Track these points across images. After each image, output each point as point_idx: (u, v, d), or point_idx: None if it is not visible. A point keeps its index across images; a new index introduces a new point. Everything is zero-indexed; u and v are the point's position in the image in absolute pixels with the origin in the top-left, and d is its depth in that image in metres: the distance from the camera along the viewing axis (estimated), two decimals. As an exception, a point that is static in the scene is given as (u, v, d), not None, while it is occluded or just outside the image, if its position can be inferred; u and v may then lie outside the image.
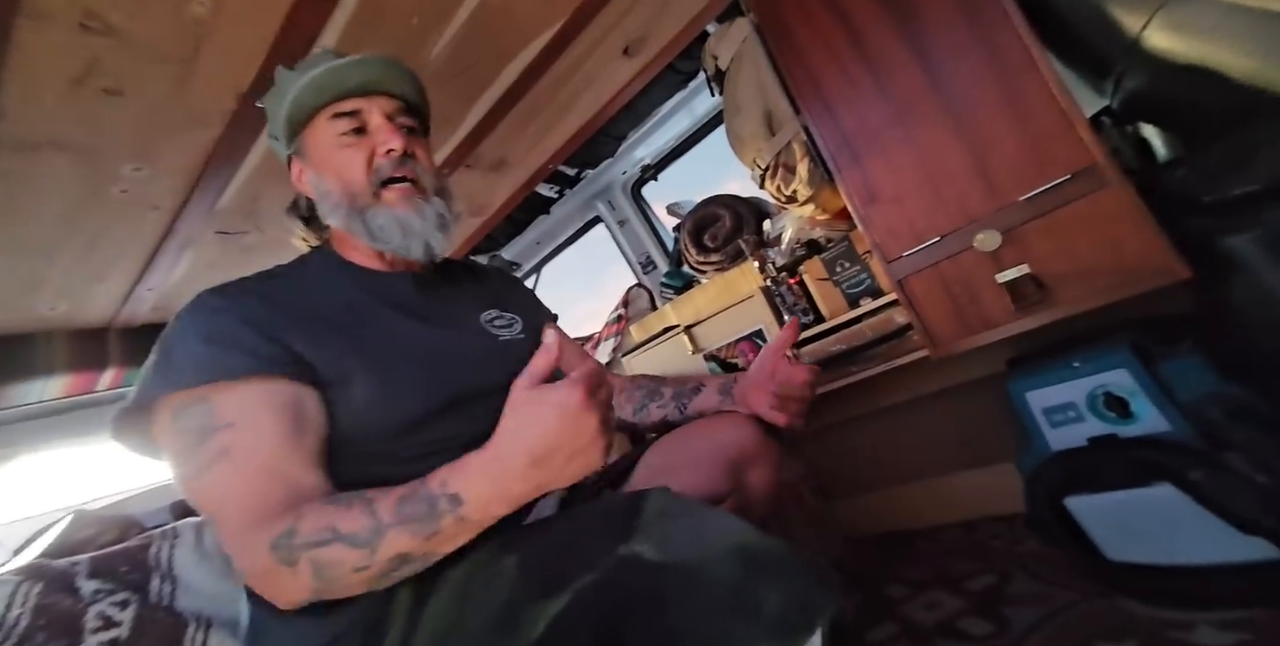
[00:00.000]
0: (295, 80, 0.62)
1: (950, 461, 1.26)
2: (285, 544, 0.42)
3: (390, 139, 0.61)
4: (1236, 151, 0.63)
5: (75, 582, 0.55)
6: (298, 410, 0.51)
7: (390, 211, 0.62)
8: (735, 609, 0.38)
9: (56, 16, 0.66)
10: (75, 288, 1.17)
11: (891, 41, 0.84)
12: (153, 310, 1.36)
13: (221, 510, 0.47)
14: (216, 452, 0.47)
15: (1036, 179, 0.74)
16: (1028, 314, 0.78)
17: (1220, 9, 0.56)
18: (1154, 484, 0.68)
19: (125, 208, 1.02)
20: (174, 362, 0.51)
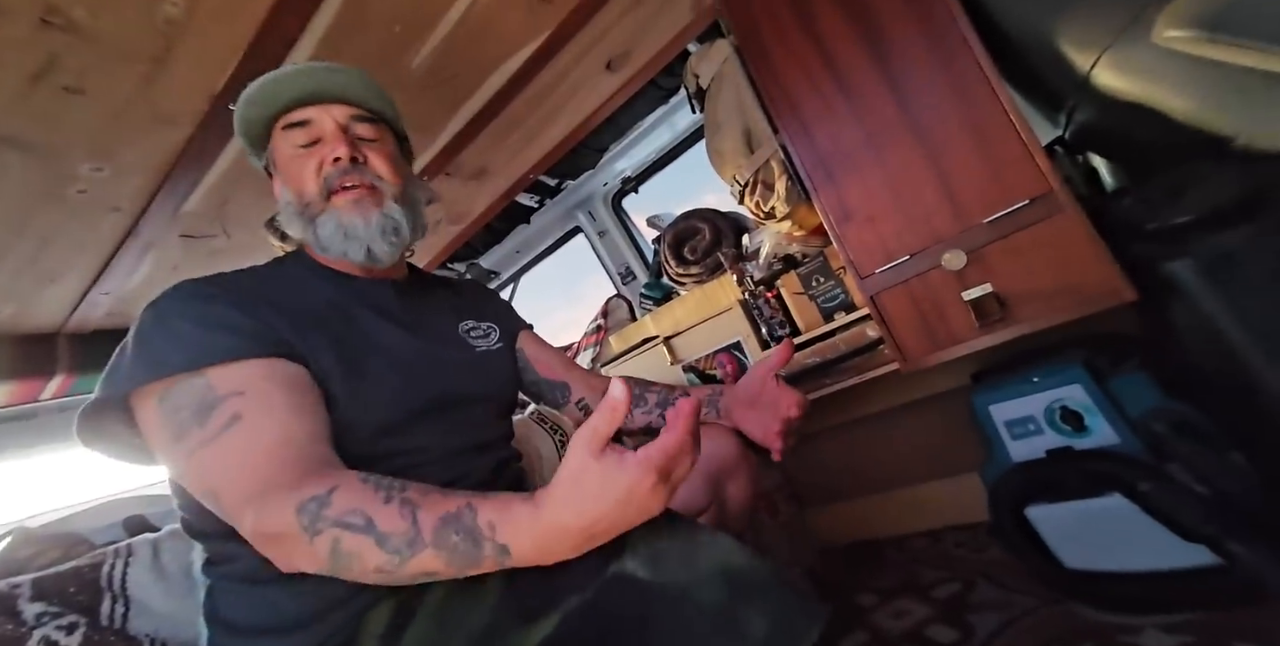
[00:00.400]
0: (254, 92, 0.61)
1: (918, 472, 1.30)
2: (314, 512, 0.39)
3: (336, 147, 0.60)
4: (1175, 183, 0.68)
5: (17, 605, 0.51)
6: (302, 387, 0.50)
7: (336, 216, 0.60)
8: (722, 633, 0.38)
9: (14, 10, 0.64)
10: (23, 291, 1.11)
11: (864, 68, 0.87)
12: (107, 315, 1.29)
13: (234, 475, 0.43)
14: (228, 419, 0.45)
15: (998, 203, 0.78)
16: (990, 331, 0.82)
17: (1161, 53, 0.61)
18: (1106, 494, 0.72)
19: (82, 208, 0.97)
20: (154, 349, 0.48)
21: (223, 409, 0.45)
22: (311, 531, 0.39)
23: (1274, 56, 0.52)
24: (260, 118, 0.61)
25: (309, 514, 0.39)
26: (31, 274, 1.07)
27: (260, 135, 0.63)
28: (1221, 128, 0.61)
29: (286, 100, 0.60)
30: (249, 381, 0.47)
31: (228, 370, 0.47)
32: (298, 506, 0.40)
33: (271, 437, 0.44)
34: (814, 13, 0.91)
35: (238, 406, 0.45)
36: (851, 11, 0.87)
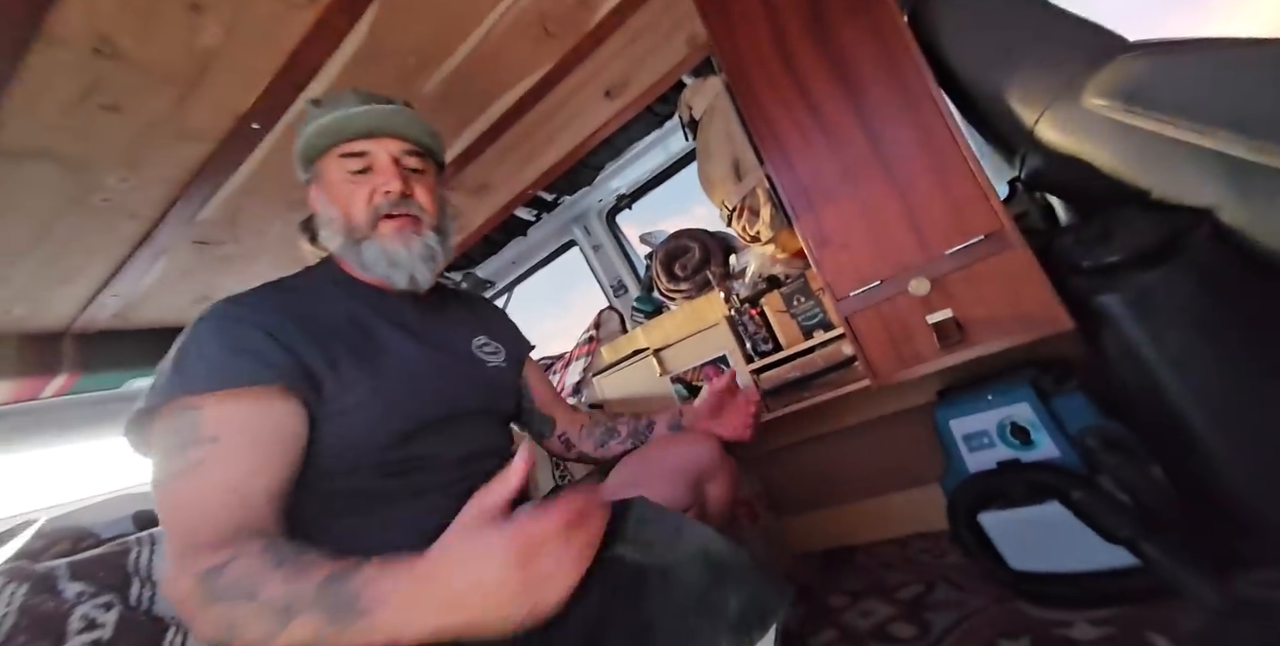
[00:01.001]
0: (314, 120, 0.67)
1: (889, 482, 1.38)
2: (210, 582, 0.42)
3: (389, 181, 0.66)
4: (1106, 226, 0.77)
5: (58, 585, 0.56)
6: (283, 433, 0.54)
7: (381, 244, 0.66)
8: (702, 608, 0.45)
9: (71, 41, 0.70)
10: (37, 291, 1.15)
11: (841, 110, 0.96)
12: (114, 316, 1.33)
13: (174, 522, 0.48)
14: (193, 463, 0.49)
15: (957, 237, 0.87)
16: (951, 351, 0.90)
17: (1090, 116, 0.71)
18: (1046, 502, 0.80)
19: (103, 215, 1.03)
20: (187, 367, 0.53)
21: (193, 452, 0.49)
22: (205, 602, 0.42)
23: (1171, 125, 0.62)
24: (324, 145, 0.67)
25: (206, 584, 0.42)
26: (47, 275, 1.12)
27: (314, 156, 0.69)
28: (1139, 182, 0.70)
29: (350, 133, 0.66)
30: (231, 425, 0.51)
31: (226, 404, 0.51)
32: (198, 575, 0.42)
33: (219, 493, 0.48)
34: (796, 58, 1.01)
35: (204, 454, 0.49)
36: (830, 60, 0.97)
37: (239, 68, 0.86)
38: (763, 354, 1.26)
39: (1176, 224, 0.70)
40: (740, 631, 0.45)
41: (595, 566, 0.46)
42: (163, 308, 1.39)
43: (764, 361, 1.26)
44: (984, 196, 0.85)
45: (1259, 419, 0.68)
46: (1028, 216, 1.16)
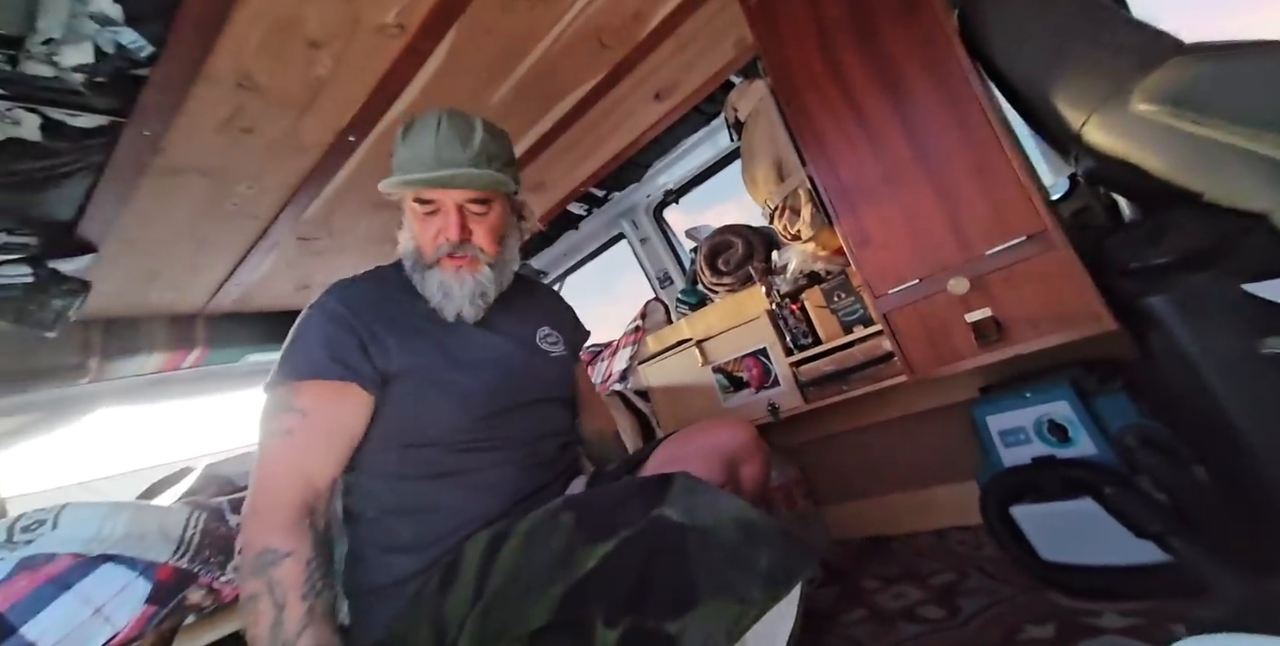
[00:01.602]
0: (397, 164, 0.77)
1: (928, 476, 1.40)
2: (262, 562, 0.58)
3: (449, 229, 0.74)
4: (1156, 228, 0.77)
5: (225, 516, 0.72)
6: (348, 426, 0.69)
7: (440, 277, 0.76)
8: (737, 563, 0.52)
9: (222, 78, 0.86)
10: (182, 280, 1.40)
11: (884, 112, 0.99)
12: (234, 301, 1.58)
13: (260, 478, 0.64)
14: (285, 430, 0.66)
15: (998, 237, 0.89)
16: (988, 350, 0.92)
17: (1138, 121, 0.71)
18: (1079, 497, 0.82)
19: (233, 218, 1.22)
20: (296, 356, 0.68)
21: (286, 419, 0.65)
22: (253, 570, 0.58)
23: (1223, 130, 0.62)
24: (404, 190, 0.76)
25: (260, 559, 0.58)
26: (189, 267, 1.36)
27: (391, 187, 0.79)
28: (1190, 185, 0.70)
29: (421, 184, 0.74)
30: (316, 406, 0.66)
31: (314, 389, 0.66)
32: (261, 549, 0.59)
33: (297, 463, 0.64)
34: (841, 62, 1.03)
35: (294, 423, 0.65)
36: (875, 63, 0.99)
37: (342, 91, 1.00)
38: (802, 347, 1.31)
39: (1228, 227, 0.70)
40: (769, 584, 0.52)
41: (645, 525, 0.54)
42: (271, 294, 1.62)
43: (803, 354, 1.30)
44: (1027, 198, 0.86)
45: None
46: (1089, 211, 1.14)
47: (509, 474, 0.75)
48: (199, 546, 0.67)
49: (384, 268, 0.83)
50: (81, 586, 0.59)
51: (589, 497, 0.64)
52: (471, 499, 0.72)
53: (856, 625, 0.98)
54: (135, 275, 1.30)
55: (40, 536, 0.60)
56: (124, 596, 0.60)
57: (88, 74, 0.73)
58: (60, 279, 1.06)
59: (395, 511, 0.71)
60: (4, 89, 0.75)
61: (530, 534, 0.61)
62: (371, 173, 1.27)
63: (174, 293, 1.43)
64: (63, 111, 0.80)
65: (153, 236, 1.18)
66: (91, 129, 0.85)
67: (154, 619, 0.62)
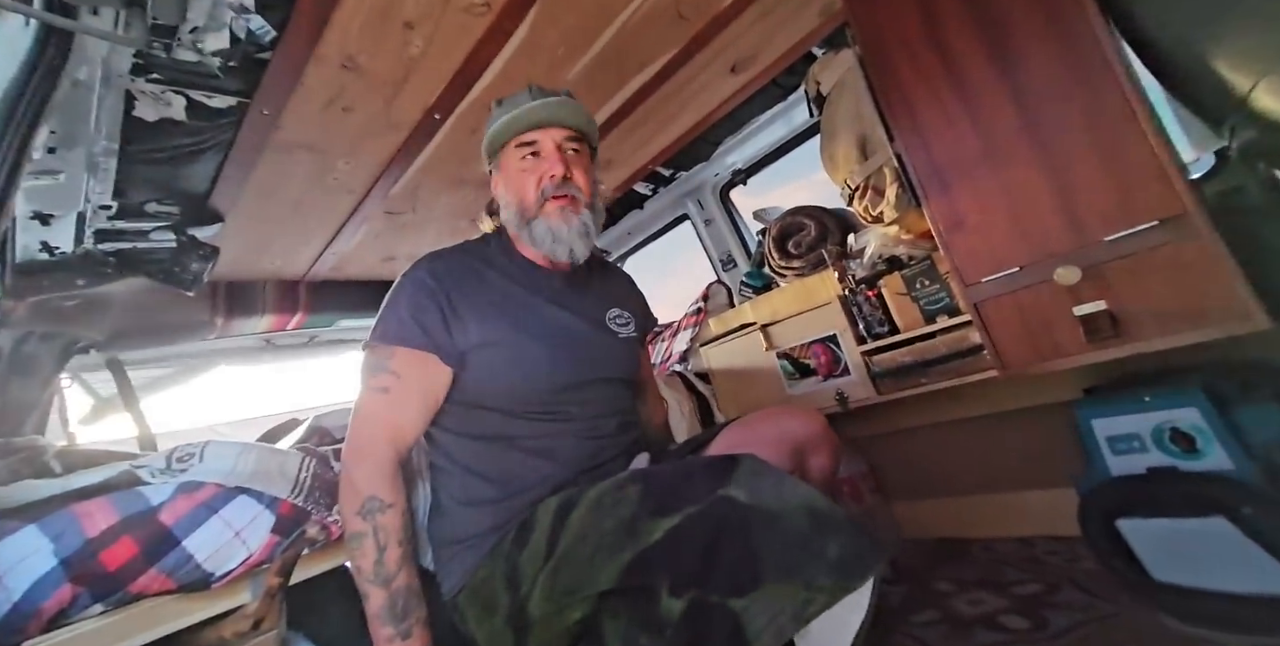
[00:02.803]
0: (498, 117, 0.81)
1: (1015, 479, 1.29)
2: (369, 508, 0.66)
3: (553, 166, 0.78)
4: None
5: (331, 463, 0.80)
6: (435, 385, 0.74)
7: (547, 222, 0.79)
8: (804, 548, 0.51)
9: (330, 59, 0.92)
10: (288, 249, 1.55)
11: (991, 81, 0.89)
12: (331, 269, 1.73)
13: (360, 426, 0.71)
14: (382, 387, 0.72)
15: (1122, 222, 0.78)
16: (1100, 347, 0.83)
17: (1329, 77, 0.59)
18: (1209, 515, 0.73)
19: (332, 191, 1.33)
20: (390, 321, 0.74)
21: (383, 378, 0.72)
22: (360, 514, 0.66)
23: None
24: (502, 139, 0.81)
25: (367, 505, 0.66)
26: (295, 237, 1.50)
27: (497, 149, 0.83)
28: (1396, 155, 0.58)
29: (523, 126, 0.79)
30: (408, 368, 0.72)
31: (404, 354, 0.72)
32: (366, 496, 0.67)
33: (392, 418, 0.71)
34: (942, 23, 0.94)
35: (389, 382, 0.72)
36: (985, 26, 0.89)
37: (431, 70, 1.04)
38: (877, 336, 1.24)
39: None
40: (839, 574, 0.50)
41: (710, 503, 0.54)
42: (360, 264, 1.75)
43: (877, 343, 1.24)
44: (1164, 176, 0.75)
45: None
46: (1241, 192, 0.98)
47: (571, 443, 0.77)
48: (310, 488, 0.75)
49: (470, 242, 0.87)
50: (224, 512, 0.68)
51: (655, 472, 0.65)
52: (537, 462, 0.75)
53: (927, 627, 0.94)
54: (253, 242, 1.45)
55: (191, 466, 0.70)
56: (256, 524, 0.69)
57: (223, 58, 0.80)
58: (197, 244, 1.21)
59: (471, 468, 0.75)
60: (161, 74, 0.84)
61: (598, 502, 0.63)
62: (453, 150, 1.33)
63: (282, 259, 1.58)
64: (202, 93, 0.90)
65: (268, 207, 1.31)
66: (224, 109, 0.94)
67: (279, 547, 0.70)
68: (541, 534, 0.66)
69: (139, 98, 0.87)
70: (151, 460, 0.72)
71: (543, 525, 0.67)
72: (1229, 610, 0.72)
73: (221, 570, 0.67)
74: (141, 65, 0.82)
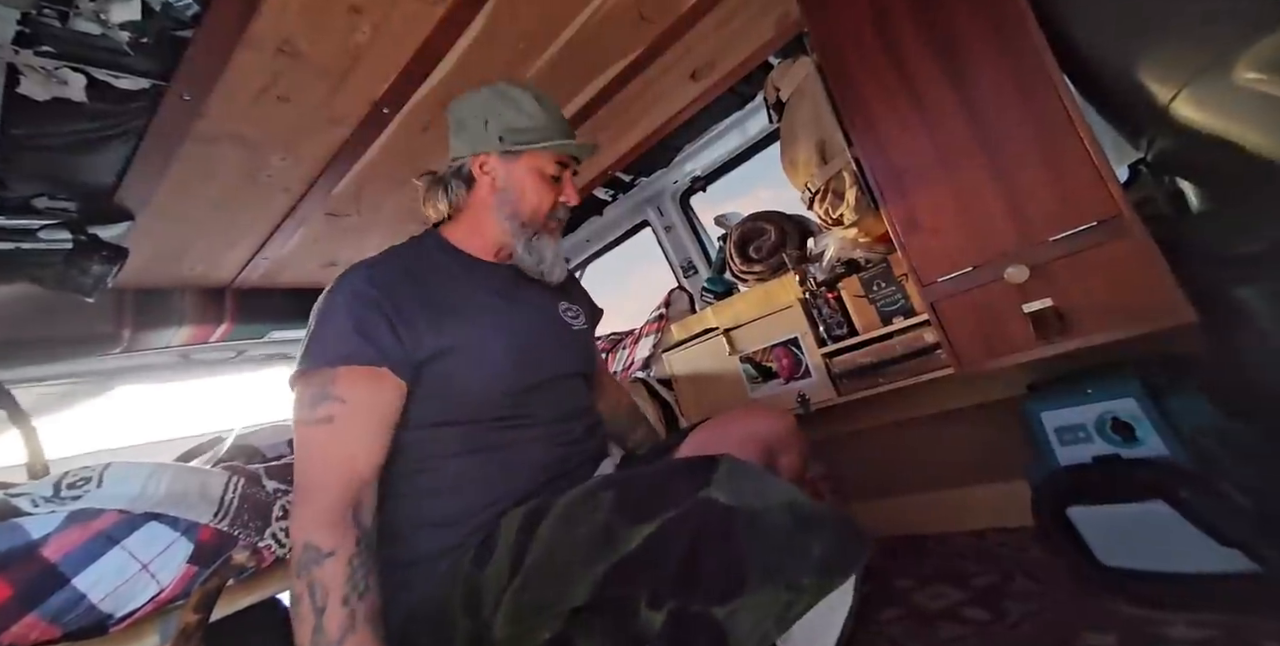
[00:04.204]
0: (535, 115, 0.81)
1: (966, 475, 1.34)
2: (307, 558, 0.56)
3: (573, 197, 0.83)
4: (1249, 213, 0.71)
5: (262, 481, 0.71)
6: (387, 410, 0.66)
7: (552, 242, 0.82)
8: (787, 548, 0.49)
9: (264, 42, 0.84)
10: (213, 252, 1.39)
11: (943, 91, 0.93)
12: (262, 276, 1.58)
13: (305, 468, 0.62)
14: (324, 416, 0.62)
15: (1064, 222, 0.83)
16: (1047, 342, 0.87)
17: (1241, 92, 0.65)
18: (1149, 500, 0.77)
19: (265, 190, 1.22)
20: (326, 340, 0.65)
21: (326, 407, 0.62)
22: (298, 568, 0.56)
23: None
24: (542, 143, 0.80)
25: (306, 555, 0.56)
26: (221, 239, 1.35)
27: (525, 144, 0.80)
28: (1296, 163, 0.64)
29: (570, 151, 0.83)
30: (355, 392, 0.63)
31: (350, 375, 0.63)
32: (306, 544, 0.57)
33: (342, 452, 0.62)
34: (896, 34, 0.98)
35: (335, 410, 0.62)
36: (935, 36, 0.94)
37: (379, 60, 0.98)
38: (837, 338, 1.26)
39: (1337, 209, 0.64)
40: (823, 572, 0.49)
41: (690, 506, 0.51)
42: (298, 270, 1.61)
43: (837, 345, 1.26)
44: (1100, 180, 0.80)
45: None
46: (1153, 202, 1.07)
47: (539, 450, 0.73)
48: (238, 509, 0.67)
49: (400, 247, 0.81)
50: (128, 542, 0.58)
51: (629, 476, 0.62)
52: (502, 475, 0.70)
53: (893, 623, 0.94)
54: (169, 245, 1.30)
55: (86, 493, 0.60)
56: (169, 554, 0.60)
57: (134, 33, 0.71)
58: (99, 245, 1.06)
59: (426, 487, 0.69)
60: (53, 46, 0.73)
61: (568, 511, 0.58)
62: (403, 148, 1.25)
63: (205, 265, 1.42)
64: (108, 72, 0.79)
65: (188, 206, 1.18)
66: (134, 91, 0.84)
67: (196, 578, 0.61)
68: (506, 549, 0.61)
69: (25, 72, 0.76)
70: (35, 487, 0.62)
71: (507, 540, 0.61)
72: (1170, 589, 0.76)
73: (123, 610, 0.57)
74: (29, 34, 0.71)
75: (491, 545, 0.62)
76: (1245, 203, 0.74)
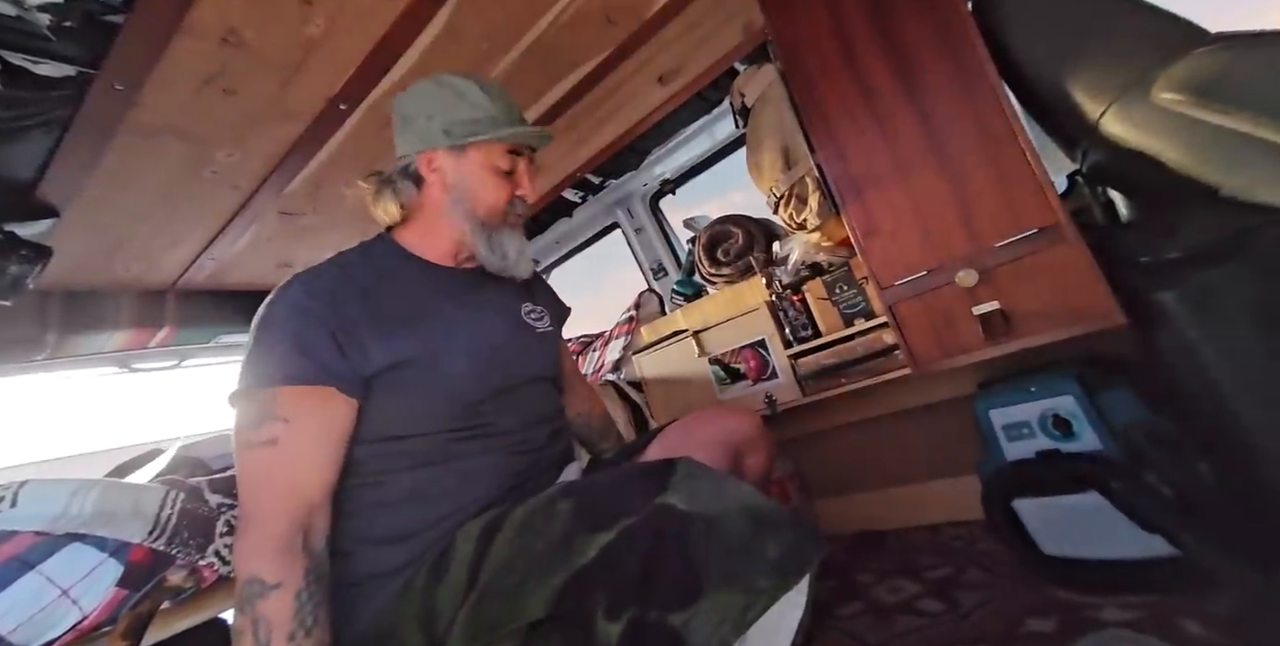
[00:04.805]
0: (480, 103, 0.76)
1: (923, 471, 1.40)
2: (250, 592, 0.53)
3: (530, 190, 0.80)
4: (1169, 222, 0.77)
5: (204, 495, 0.67)
6: (336, 429, 0.62)
7: (514, 236, 0.79)
8: (745, 551, 0.50)
9: (205, 31, 0.79)
10: (152, 252, 1.30)
11: (898, 101, 0.97)
12: (208, 277, 1.49)
13: (248, 494, 0.58)
14: (268, 438, 0.59)
15: (1009, 229, 0.88)
16: (995, 343, 0.91)
17: (1158, 111, 0.70)
18: (1084, 491, 0.82)
19: (211, 186, 1.15)
20: (265, 358, 0.62)
21: (269, 428, 0.59)
22: (241, 604, 0.53)
23: (1248, 121, 0.61)
24: (489, 134, 0.75)
25: (248, 589, 0.53)
26: (162, 238, 1.27)
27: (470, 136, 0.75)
28: (1208, 178, 0.70)
29: (521, 139, 0.78)
30: (299, 410, 0.60)
31: (294, 393, 0.60)
32: (249, 578, 0.53)
33: (288, 476, 0.58)
34: (855, 46, 1.01)
35: (278, 431, 0.59)
36: (890, 49, 0.97)
37: (335, 54, 0.94)
38: (802, 339, 1.29)
39: (1244, 221, 0.69)
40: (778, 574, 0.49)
41: (647, 513, 0.51)
42: (248, 271, 1.53)
43: (803, 346, 1.29)
44: (1041, 190, 0.85)
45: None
46: (1086, 211, 1.14)
47: (498, 461, 0.71)
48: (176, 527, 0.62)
49: (347, 253, 0.77)
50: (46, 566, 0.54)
51: (588, 484, 0.61)
52: (460, 487, 0.68)
53: (854, 618, 0.97)
54: (101, 244, 1.21)
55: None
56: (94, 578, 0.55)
57: (55, 16, 0.66)
58: (17, 243, 0.98)
59: (377, 503, 0.66)
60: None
61: (526, 522, 0.57)
62: (362, 146, 1.21)
63: (143, 265, 1.33)
64: (25, 57, 0.73)
65: (122, 202, 1.10)
66: (58, 79, 0.78)
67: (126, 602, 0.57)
68: (462, 563, 0.59)
69: (-73, 55, 0.69)
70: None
71: (463, 553, 0.60)
72: (1103, 575, 0.81)
73: (39, 641, 0.53)
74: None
75: (447, 559, 0.60)
76: (1166, 213, 0.79)
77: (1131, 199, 0.97)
